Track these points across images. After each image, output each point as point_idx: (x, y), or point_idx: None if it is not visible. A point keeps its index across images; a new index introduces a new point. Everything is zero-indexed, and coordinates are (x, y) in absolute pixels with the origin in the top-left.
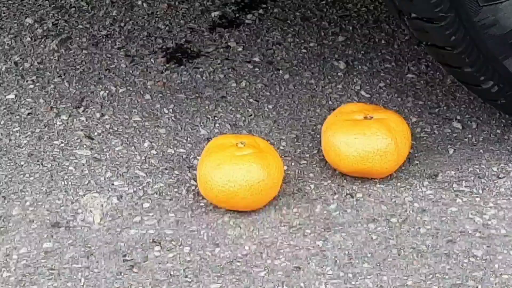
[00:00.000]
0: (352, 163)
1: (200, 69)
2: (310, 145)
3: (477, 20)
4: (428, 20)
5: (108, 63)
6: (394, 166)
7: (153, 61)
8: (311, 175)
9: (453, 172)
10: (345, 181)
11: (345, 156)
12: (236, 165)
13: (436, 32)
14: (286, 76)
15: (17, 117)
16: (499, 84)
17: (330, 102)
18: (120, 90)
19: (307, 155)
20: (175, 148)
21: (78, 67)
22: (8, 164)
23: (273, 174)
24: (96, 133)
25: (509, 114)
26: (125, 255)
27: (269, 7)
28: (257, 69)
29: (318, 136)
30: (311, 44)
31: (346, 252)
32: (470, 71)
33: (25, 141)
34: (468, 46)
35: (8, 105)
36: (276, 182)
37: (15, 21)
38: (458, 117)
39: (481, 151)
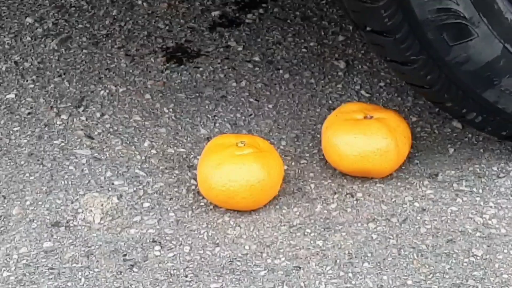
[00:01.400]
0: (352, 163)
1: (200, 69)
2: (310, 144)
3: (449, 59)
4: (401, 63)
5: (108, 62)
6: (394, 165)
7: (153, 60)
8: (311, 174)
9: (453, 172)
10: (345, 180)
11: (345, 155)
12: (236, 165)
13: (411, 73)
14: (286, 76)
15: (17, 116)
16: (482, 115)
17: (330, 102)
18: (120, 90)
19: (307, 155)
20: (175, 148)
21: (78, 66)
22: (8, 164)
23: (273, 174)
24: (96, 133)
25: (499, 138)
26: (125, 255)
27: (269, 7)
28: (257, 68)
29: (318, 135)
30: (311, 44)
31: (346, 252)
32: (452, 105)
33: (25, 141)
34: (445, 83)
35: (8, 105)
36: (276, 182)
37: (15, 21)
38: None
39: (481, 150)
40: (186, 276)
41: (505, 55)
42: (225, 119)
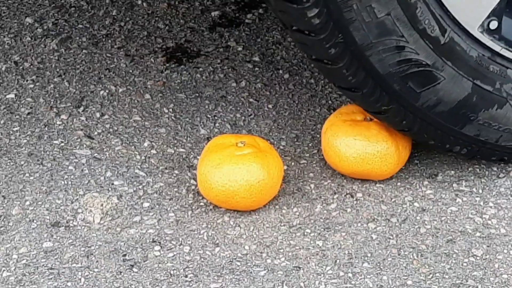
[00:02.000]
0: (351, 165)
1: (200, 69)
2: (310, 144)
3: (420, 104)
4: (375, 113)
5: (108, 62)
6: (394, 168)
7: (153, 60)
8: (311, 174)
9: (453, 172)
10: (345, 180)
11: (345, 157)
12: (236, 165)
13: (387, 120)
14: (286, 76)
15: (17, 116)
16: (466, 148)
17: (330, 102)
18: (120, 90)
19: (307, 155)
20: (175, 148)
21: (78, 66)
22: (8, 164)
23: (273, 173)
24: (96, 133)
25: (490, 161)
26: (125, 255)
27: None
28: (257, 68)
29: (318, 135)
30: None
31: (346, 252)
32: (434, 143)
33: (25, 141)
34: (422, 125)
35: (8, 105)
36: (276, 182)
37: (15, 21)
38: None
39: None
40: (186, 276)
41: (477, 91)
42: (225, 119)
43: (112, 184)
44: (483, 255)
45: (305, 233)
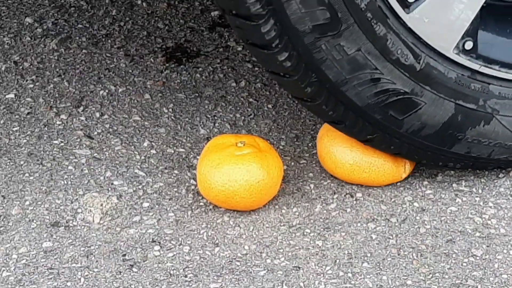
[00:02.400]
0: (348, 172)
1: (200, 69)
2: (310, 144)
3: (404, 130)
4: (362, 141)
5: (108, 62)
6: (392, 178)
7: (152, 60)
8: (311, 174)
9: (452, 172)
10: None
11: (341, 164)
12: (236, 165)
13: (375, 146)
14: None
15: (17, 116)
16: (460, 163)
17: None
18: (120, 90)
19: (307, 155)
20: (174, 148)
21: (78, 66)
22: (8, 164)
23: (272, 173)
24: (95, 133)
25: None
26: (124, 255)
27: None
28: (256, 68)
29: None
30: None
31: (346, 252)
32: (427, 162)
33: (24, 141)
34: (410, 148)
35: (7, 105)
36: (276, 181)
37: (14, 21)
38: None
39: None
40: (186, 276)
41: (460, 111)
42: (225, 119)
43: (112, 184)
44: (483, 255)
45: (305, 233)
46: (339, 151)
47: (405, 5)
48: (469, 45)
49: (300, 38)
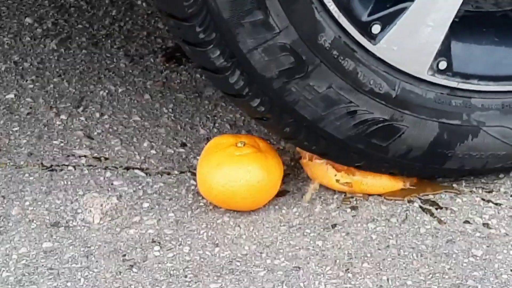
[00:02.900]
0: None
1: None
2: None
3: (391, 155)
4: (355, 167)
5: (108, 62)
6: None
7: (152, 60)
8: None
9: None
10: None
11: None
12: (236, 165)
13: (367, 170)
14: None
15: (17, 116)
16: (455, 175)
17: None
18: (120, 90)
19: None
20: (174, 148)
21: (78, 66)
22: (8, 164)
23: (272, 174)
24: (95, 133)
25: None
26: (124, 255)
27: None
28: None
29: None
30: None
31: (346, 252)
32: (424, 177)
33: (24, 141)
34: (403, 169)
35: (7, 105)
36: (276, 182)
37: (14, 21)
38: None
39: None
40: (186, 277)
41: (445, 129)
42: (225, 119)
43: (112, 184)
44: (483, 255)
45: (305, 233)
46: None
47: (371, 37)
48: (443, 64)
49: (269, 84)
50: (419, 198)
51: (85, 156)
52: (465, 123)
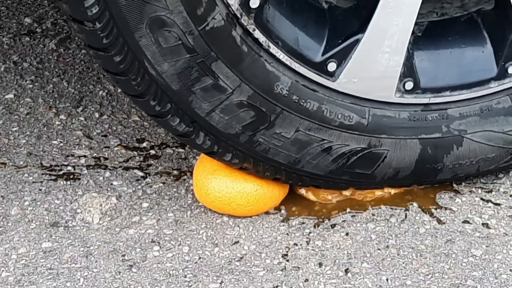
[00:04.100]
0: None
1: None
2: None
3: (380, 179)
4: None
5: None
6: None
7: None
8: None
9: None
10: None
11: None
12: (233, 172)
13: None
14: None
15: (16, 116)
16: (452, 182)
17: None
18: (119, 90)
19: None
20: (174, 148)
21: (77, 66)
22: (7, 164)
23: (271, 184)
24: (95, 133)
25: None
26: (124, 255)
27: None
28: None
29: None
30: None
31: (345, 252)
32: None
33: (24, 141)
34: (397, 186)
35: (7, 105)
36: (276, 193)
37: (14, 21)
38: None
39: None
40: (185, 277)
41: (427, 144)
42: None
43: (111, 184)
44: (482, 255)
45: (305, 233)
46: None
47: (329, 75)
48: (409, 85)
49: (236, 140)
50: (419, 198)
51: (84, 156)
52: (446, 134)
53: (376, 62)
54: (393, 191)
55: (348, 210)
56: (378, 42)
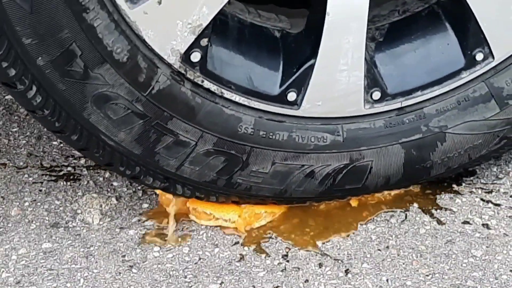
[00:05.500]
0: None
1: None
2: None
3: (373, 189)
4: None
5: None
6: None
7: None
8: None
9: None
10: None
11: None
12: None
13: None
14: None
15: (16, 117)
16: (449, 175)
17: None
18: None
19: None
20: None
21: None
22: (7, 165)
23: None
24: None
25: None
26: (124, 256)
27: None
28: None
29: None
30: None
31: (346, 252)
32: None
33: (24, 142)
34: (393, 189)
35: (7, 106)
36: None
37: None
38: None
39: None
40: (185, 277)
41: (410, 146)
42: None
43: (111, 185)
44: (483, 255)
45: (305, 233)
46: None
47: (292, 104)
48: (377, 95)
49: (214, 185)
50: (419, 199)
51: (84, 156)
52: (427, 133)
53: (336, 82)
54: (393, 192)
55: (348, 209)
56: (332, 63)
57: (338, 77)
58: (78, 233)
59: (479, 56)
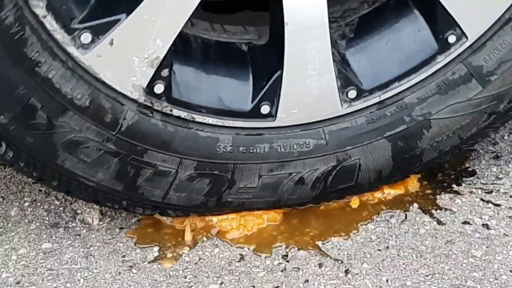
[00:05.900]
0: None
1: None
2: None
3: (367, 185)
4: None
5: None
6: None
7: None
8: None
9: (452, 172)
10: None
11: None
12: None
13: None
14: None
15: None
16: (446, 158)
17: None
18: None
19: None
20: None
21: None
22: None
23: None
24: None
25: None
26: (124, 256)
27: None
28: None
29: None
30: None
31: (346, 253)
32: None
33: None
34: (388, 183)
35: None
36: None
37: None
38: None
39: (481, 151)
40: (185, 277)
41: (395, 138)
42: None
43: None
44: (483, 256)
45: (305, 233)
46: None
47: (266, 117)
48: (352, 93)
49: (206, 207)
50: (419, 199)
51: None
52: (412, 123)
53: (308, 88)
54: (392, 192)
55: (348, 209)
56: (300, 70)
57: (309, 83)
58: (78, 233)
59: (452, 39)
